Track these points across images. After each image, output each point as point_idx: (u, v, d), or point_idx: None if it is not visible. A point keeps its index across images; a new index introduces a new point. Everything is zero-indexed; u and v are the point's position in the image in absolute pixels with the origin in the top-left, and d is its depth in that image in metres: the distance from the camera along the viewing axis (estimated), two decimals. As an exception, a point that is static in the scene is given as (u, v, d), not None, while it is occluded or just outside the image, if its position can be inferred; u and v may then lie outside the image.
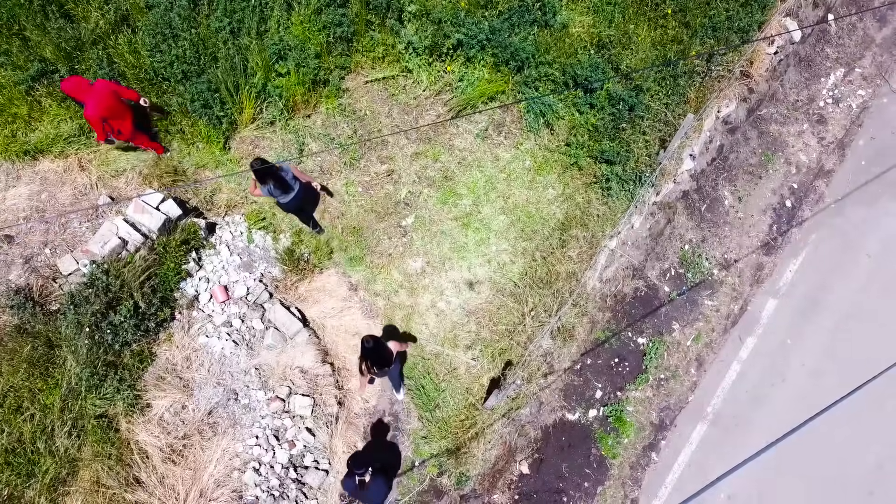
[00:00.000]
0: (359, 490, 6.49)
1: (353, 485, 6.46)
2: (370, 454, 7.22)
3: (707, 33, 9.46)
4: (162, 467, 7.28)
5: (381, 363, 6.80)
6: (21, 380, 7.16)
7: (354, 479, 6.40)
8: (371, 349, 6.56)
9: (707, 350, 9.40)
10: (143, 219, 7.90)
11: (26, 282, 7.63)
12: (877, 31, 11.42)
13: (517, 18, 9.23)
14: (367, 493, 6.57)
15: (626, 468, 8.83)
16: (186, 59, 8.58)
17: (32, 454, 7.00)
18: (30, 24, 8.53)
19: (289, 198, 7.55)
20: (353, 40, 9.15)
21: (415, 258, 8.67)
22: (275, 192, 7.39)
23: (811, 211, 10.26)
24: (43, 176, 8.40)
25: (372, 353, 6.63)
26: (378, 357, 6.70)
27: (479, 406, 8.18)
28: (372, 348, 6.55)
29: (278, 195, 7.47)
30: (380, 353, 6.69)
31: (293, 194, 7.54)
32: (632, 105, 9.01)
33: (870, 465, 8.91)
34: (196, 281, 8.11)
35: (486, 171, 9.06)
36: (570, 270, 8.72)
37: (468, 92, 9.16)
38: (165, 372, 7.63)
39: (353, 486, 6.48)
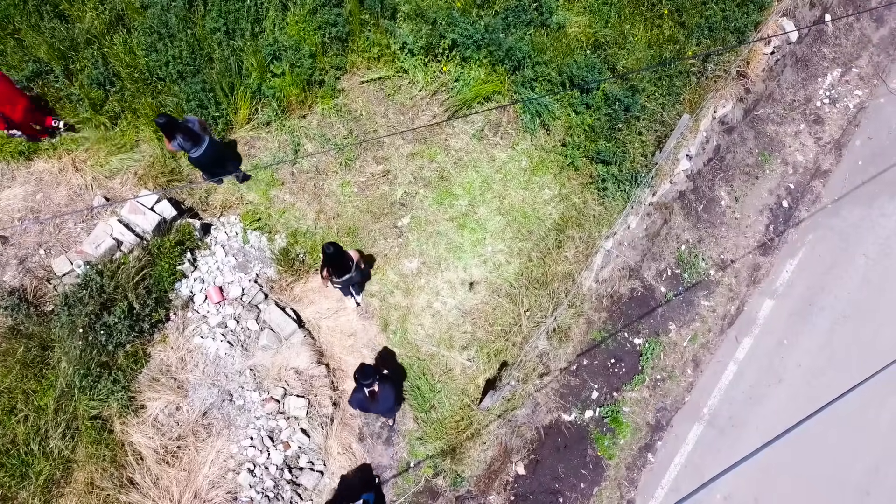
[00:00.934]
0: (369, 402, 6.68)
1: (362, 397, 6.65)
2: (375, 366, 7.30)
3: (703, 33, 9.45)
4: (156, 468, 7.26)
5: (341, 270, 7.10)
6: (15, 381, 7.15)
7: (363, 391, 6.59)
8: (332, 255, 6.80)
9: (703, 351, 9.39)
10: (138, 219, 7.88)
11: (20, 283, 7.62)
12: (874, 32, 11.41)
13: (513, 18, 9.21)
14: (377, 404, 6.78)
15: (623, 469, 8.82)
16: (182, 59, 8.57)
17: (26, 455, 6.99)
18: (24, 24, 8.53)
19: (200, 151, 7.58)
20: (348, 40, 9.14)
21: (410, 259, 8.65)
22: (185, 146, 7.44)
23: (808, 211, 10.24)
24: (38, 176, 8.37)
25: (332, 260, 6.89)
26: (338, 263, 6.97)
27: (474, 407, 8.16)
28: (332, 254, 6.79)
29: (189, 148, 7.50)
30: (340, 259, 6.98)
31: (204, 147, 7.58)
32: (628, 105, 8.99)
33: (866, 466, 8.89)
34: (191, 282, 8.09)
35: (482, 172, 9.04)
36: (566, 271, 8.71)
37: (464, 92, 9.15)
38: (160, 373, 7.61)
39: (362, 398, 6.67)
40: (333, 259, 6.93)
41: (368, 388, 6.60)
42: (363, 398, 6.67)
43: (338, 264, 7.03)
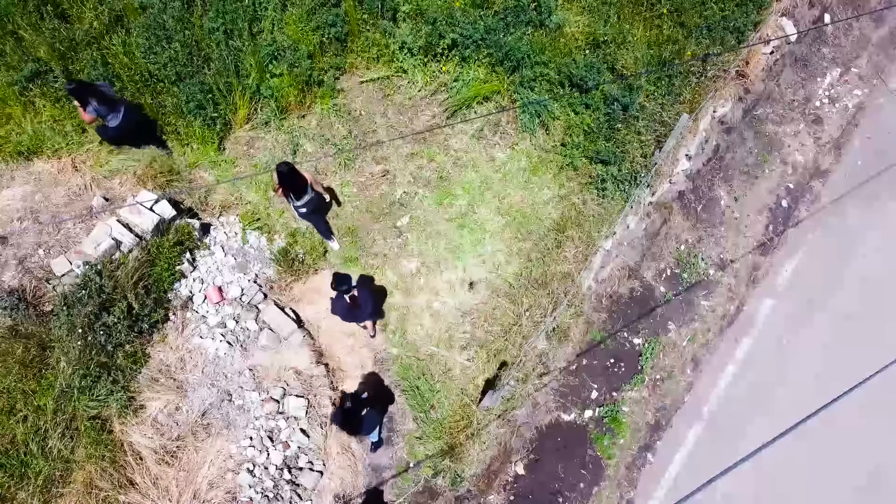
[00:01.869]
0: (351, 310, 6.95)
1: (344, 304, 6.90)
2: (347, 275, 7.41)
3: (702, 33, 9.45)
4: (155, 469, 7.26)
5: (296, 190, 7.33)
6: (14, 381, 7.14)
7: (344, 299, 6.84)
8: (285, 174, 7.09)
9: (703, 350, 9.38)
10: (137, 220, 7.88)
11: (19, 283, 7.62)
12: (873, 31, 11.41)
13: (512, 18, 9.21)
14: (360, 311, 7.10)
15: (622, 469, 8.81)
16: (180, 60, 8.57)
17: (25, 455, 6.99)
18: (24, 24, 8.53)
19: (118, 119, 7.57)
20: (347, 40, 9.15)
21: (410, 259, 8.65)
22: (101, 111, 7.44)
23: (807, 211, 10.24)
24: (37, 177, 8.38)
25: (286, 179, 7.14)
26: (292, 182, 7.22)
27: (474, 407, 8.16)
28: (286, 173, 7.08)
29: (106, 114, 7.50)
30: (293, 179, 7.22)
31: (121, 115, 7.58)
32: (627, 105, 8.99)
33: (867, 465, 8.88)
34: (190, 282, 8.09)
35: (482, 172, 9.04)
36: (565, 271, 8.71)
37: (463, 92, 9.15)
38: (159, 373, 7.62)
39: (345, 305, 6.92)
40: (287, 178, 7.14)
41: (348, 294, 6.85)
42: (345, 305, 6.92)
43: (293, 184, 7.24)
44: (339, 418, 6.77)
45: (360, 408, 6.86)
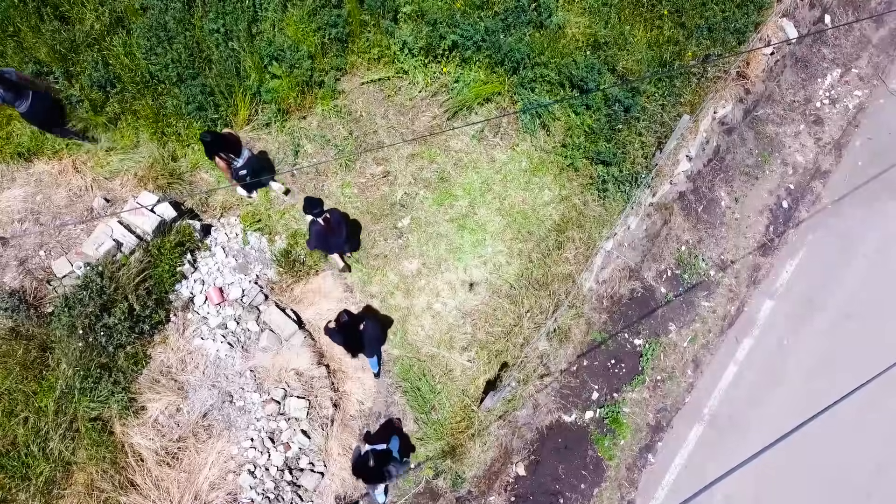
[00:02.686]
0: (327, 236, 7.23)
1: (319, 230, 7.16)
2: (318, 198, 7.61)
3: (703, 34, 9.45)
4: (156, 470, 7.26)
5: (231, 149, 7.46)
6: (15, 382, 7.15)
7: (318, 223, 7.09)
8: (212, 141, 7.31)
9: (704, 351, 9.39)
10: (138, 221, 7.88)
11: (20, 284, 7.62)
12: (873, 32, 11.42)
13: (513, 19, 9.21)
14: (335, 236, 7.42)
15: (623, 470, 8.81)
16: (181, 61, 8.56)
17: (26, 457, 6.99)
18: (24, 25, 8.51)
19: (26, 104, 7.63)
20: (347, 41, 9.14)
21: (410, 260, 8.65)
22: (7, 97, 7.51)
23: (808, 212, 10.25)
24: (37, 178, 8.38)
25: (216, 145, 7.34)
26: (224, 144, 7.40)
27: (475, 407, 8.16)
28: (212, 140, 7.31)
29: (12, 101, 7.56)
30: (222, 141, 7.41)
31: (30, 100, 7.64)
32: (627, 106, 8.99)
33: (868, 467, 8.89)
34: (191, 283, 8.09)
35: (482, 173, 9.04)
36: (566, 272, 8.71)
37: (464, 93, 9.14)
38: (160, 374, 7.62)
39: (320, 230, 7.18)
40: (217, 143, 7.33)
41: (321, 217, 7.08)
42: (321, 231, 7.16)
43: (225, 145, 7.40)
44: (339, 336, 6.90)
45: (358, 324, 6.93)
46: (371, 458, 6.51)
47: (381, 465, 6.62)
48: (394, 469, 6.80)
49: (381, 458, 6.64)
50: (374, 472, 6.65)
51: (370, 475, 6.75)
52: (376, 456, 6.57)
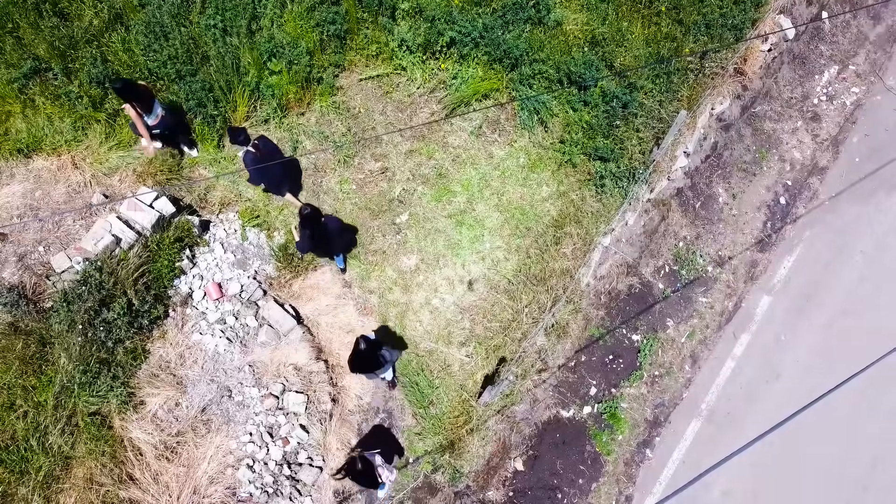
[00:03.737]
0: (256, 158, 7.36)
1: (253, 158, 7.34)
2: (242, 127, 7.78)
3: (700, 30, 9.47)
4: (155, 464, 7.27)
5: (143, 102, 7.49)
6: (14, 377, 7.15)
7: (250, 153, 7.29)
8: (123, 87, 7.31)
9: (701, 347, 9.41)
10: (137, 216, 7.90)
11: (20, 279, 7.63)
12: (870, 29, 11.45)
13: (511, 16, 9.24)
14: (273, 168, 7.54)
15: (621, 465, 8.84)
16: (180, 58, 8.58)
17: (26, 451, 6.99)
18: (23, 21, 8.54)
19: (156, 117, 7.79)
20: (346, 38, 9.17)
21: (409, 255, 8.67)
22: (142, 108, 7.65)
23: (805, 208, 10.27)
24: (37, 174, 8.39)
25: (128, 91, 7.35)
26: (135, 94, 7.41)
27: (473, 402, 8.18)
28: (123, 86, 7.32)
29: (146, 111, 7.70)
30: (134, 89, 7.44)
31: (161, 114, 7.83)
32: (625, 102, 9.02)
33: (865, 461, 8.92)
34: (190, 278, 8.11)
35: (481, 169, 9.07)
36: (564, 267, 8.73)
37: (462, 90, 9.17)
38: (159, 369, 7.63)
39: (253, 159, 7.35)
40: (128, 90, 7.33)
41: (251, 145, 7.25)
42: (255, 158, 7.31)
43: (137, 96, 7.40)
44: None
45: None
46: (362, 343, 6.59)
47: (375, 350, 6.77)
48: (387, 353, 6.98)
49: (374, 344, 6.80)
50: (370, 359, 6.76)
51: (367, 363, 6.84)
52: (369, 343, 6.67)
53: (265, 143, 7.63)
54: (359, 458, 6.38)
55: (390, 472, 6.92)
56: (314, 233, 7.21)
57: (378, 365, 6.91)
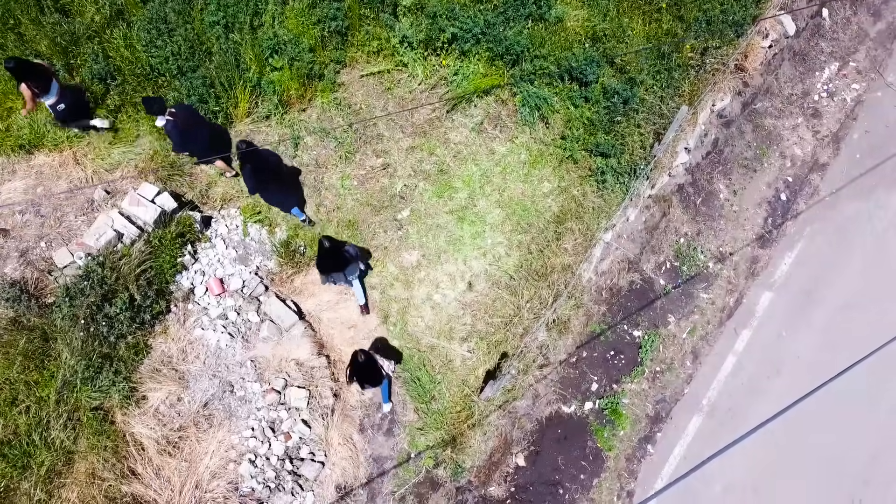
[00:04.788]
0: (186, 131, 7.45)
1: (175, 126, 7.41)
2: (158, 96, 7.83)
3: (701, 27, 9.48)
4: (157, 459, 7.29)
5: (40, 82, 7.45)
6: (16, 372, 7.17)
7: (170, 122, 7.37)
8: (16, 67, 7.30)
9: (702, 343, 9.42)
10: (139, 212, 7.91)
11: (22, 275, 7.64)
12: (871, 26, 11.46)
13: (512, 12, 9.25)
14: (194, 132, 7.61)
15: (622, 460, 8.84)
16: (181, 54, 8.59)
17: (28, 446, 7.01)
18: (25, 18, 8.55)
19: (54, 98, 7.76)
20: (347, 34, 9.18)
21: (410, 251, 8.68)
22: None
23: (806, 204, 10.28)
24: (38, 170, 8.41)
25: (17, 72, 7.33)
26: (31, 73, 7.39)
27: (475, 397, 8.19)
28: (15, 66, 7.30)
29: None
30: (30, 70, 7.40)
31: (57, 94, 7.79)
32: (626, 98, 9.03)
33: (865, 455, 8.93)
34: (191, 274, 8.12)
35: (482, 165, 9.08)
36: (565, 263, 8.74)
37: (463, 86, 9.19)
38: (161, 364, 7.64)
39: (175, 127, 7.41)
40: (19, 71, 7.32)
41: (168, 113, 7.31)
42: (177, 126, 7.37)
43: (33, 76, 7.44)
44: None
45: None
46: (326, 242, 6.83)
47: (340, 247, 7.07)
48: (351, 249, 7.24)
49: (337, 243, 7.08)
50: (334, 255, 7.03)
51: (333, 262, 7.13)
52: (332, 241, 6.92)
53: (183, 109, 7.60)
54: (360, 352, 6.67)
55: (391, 364, 7.25)
56: (255, 167, 7.33)
57: (345, 261, 7.11)
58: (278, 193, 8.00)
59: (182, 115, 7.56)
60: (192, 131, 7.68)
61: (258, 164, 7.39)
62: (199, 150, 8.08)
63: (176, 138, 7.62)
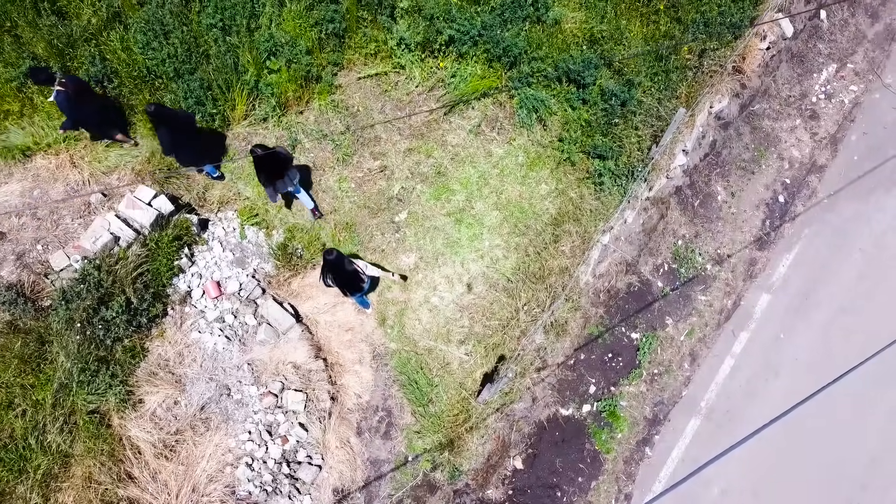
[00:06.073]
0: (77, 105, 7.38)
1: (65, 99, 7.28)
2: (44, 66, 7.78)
3: (699, 29, 9.47)
4: (154, 463, 7.27)
5: None
6: (12, 376, 7.16)
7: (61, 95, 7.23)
8: None
9: (700, 345, 9.41)
10: (135, 215, 7.89)
11: (18, 278, 7.63)
12: (868, 27, 11.45)
13: (509, 14, 9.23)
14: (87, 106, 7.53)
15: (620, 463, 8.83)
16: (178, 56, 8.57)
17: (24, 450, 7.00)
18: (22, 20, 8.52)
19: None
20: (345, 36, 9.17)
21: (408, 254, 8.67)
22: None
23: (804, 206, 10.27)
24: (35, 173, 8.39)
25: None
26: None
27: (472, 400, 8.18)
28: None
29: None
30: None
31: None
32: (624, 100, 9.02)
33: (863, 459, 8.91)
34: (188, 277, 8.11)
35: (479, 167, 9.07)
36: (562, 265, 8.73)
37: (461, 88, 9.17)
38: (158, 367, 7.63)
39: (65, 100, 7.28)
40: None
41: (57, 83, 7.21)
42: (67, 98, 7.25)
43: None
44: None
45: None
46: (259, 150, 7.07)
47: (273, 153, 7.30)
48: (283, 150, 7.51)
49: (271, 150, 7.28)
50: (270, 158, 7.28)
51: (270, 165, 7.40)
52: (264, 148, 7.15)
53: (73, 79, 7.47)
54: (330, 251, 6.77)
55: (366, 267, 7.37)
56: (171, 128, 7.37)
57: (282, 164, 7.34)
58: (193, 153, 8.03)
59: (73, 86, 7.43)
60: (85, 103, 7.56)
61: (173, 125, 7.43)
62: (93, 123, 7.97)
63: (68, 110, 7.50)
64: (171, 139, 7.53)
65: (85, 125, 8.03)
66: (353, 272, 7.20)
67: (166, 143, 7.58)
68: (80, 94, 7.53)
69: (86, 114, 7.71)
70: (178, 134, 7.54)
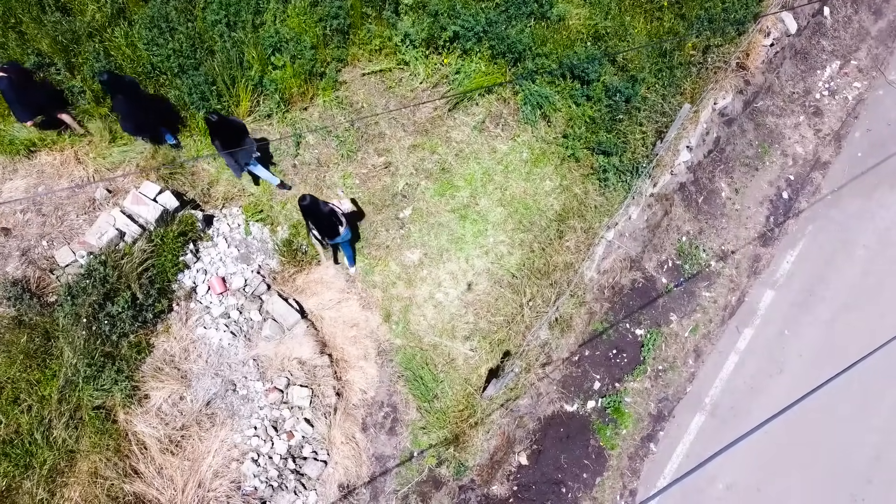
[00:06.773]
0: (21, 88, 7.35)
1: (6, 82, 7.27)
2: None
3: (703, 25, 9.48)
4: (160, 458, 7.27)
5: None
6: (18, 371, 7.14)
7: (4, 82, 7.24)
8: None
9: (705, 341, 9.41)
10: (141, 210, 7.89)
11: (23, 274, 7.62)
12: (872, 24, 11.46)
13: (514, 10, 9.24)
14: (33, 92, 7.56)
15: (625, 459, 8.84)
16: (183, 52, 8.57)
17: (30, 445, 6.98)
18: (26, 17, 8.52)
19: None
20: (349, 33, 9.17)
21: (412, 250, 8.67)
22: None
23: (808, 202, 10.28)
24: (40, 169, 8.39)
25: None
26: None
27: (477, 396, 8.18)
28: None
29: None
30: None
31: None
32: (628, 96, 9.02)
33: (868, 454, 8.92)
34: (194, 272, 8.11)
35: (484, 163, 9.07)
36: (567, 261, 8.73)
37: (465, 84, 9.18)
38: (163, 363, 7.63)
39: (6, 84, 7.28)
40: None
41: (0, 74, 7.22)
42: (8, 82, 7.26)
43: None
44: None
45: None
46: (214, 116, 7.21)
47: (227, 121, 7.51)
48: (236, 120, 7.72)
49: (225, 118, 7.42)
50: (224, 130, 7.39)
51: (224, 137, 7.45)
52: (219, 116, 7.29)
53: (14, 66, 7.46)
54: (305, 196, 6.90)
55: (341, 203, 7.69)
56: (126, 96, 7.39)
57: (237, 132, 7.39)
58: (145, 120, 8.03)
59: (15, 72, 7.42)
60: (29, 89, 7.53)
61: (128, 92, 7.44)
62: (37, 109, 7.90)
63: (13, 97, 7.46)
64: (129, 107, 7.48)
65: (31, 111, 7.87)
66: (330, 212, 7.33)
67: (124, 111, 7.53)
68: (24, 80, 7.52)
69: (30, 100, 7.64)
70: (132, 101, 7.51)
